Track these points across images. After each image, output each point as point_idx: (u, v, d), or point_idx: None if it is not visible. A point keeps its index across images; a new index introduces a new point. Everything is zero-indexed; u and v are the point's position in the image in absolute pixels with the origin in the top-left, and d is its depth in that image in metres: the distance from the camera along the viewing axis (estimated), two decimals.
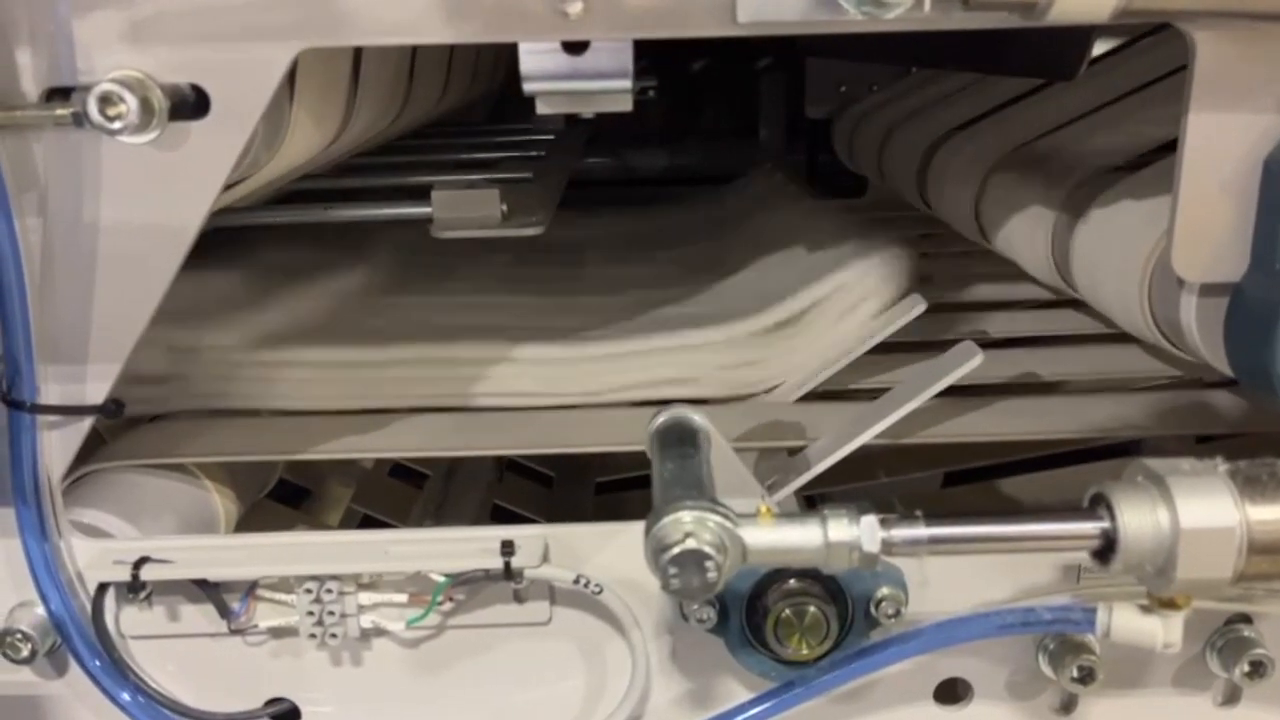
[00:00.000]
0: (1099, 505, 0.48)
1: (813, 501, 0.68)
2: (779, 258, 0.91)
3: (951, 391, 0.75)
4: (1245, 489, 0.46)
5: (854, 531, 0.47)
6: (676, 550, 0.46)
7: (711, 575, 0.46)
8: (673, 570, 0.47)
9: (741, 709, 0.57)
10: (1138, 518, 0.46)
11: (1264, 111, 0.50)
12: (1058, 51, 0.67)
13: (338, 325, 0.81)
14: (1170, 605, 0.50)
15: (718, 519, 0.47)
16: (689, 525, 0.47)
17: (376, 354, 0.73)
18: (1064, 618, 0.54)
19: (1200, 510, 0.46)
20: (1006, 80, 0.91)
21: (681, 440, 0.56)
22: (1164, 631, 0.50)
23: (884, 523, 0.47)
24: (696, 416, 0.57)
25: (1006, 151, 0.82)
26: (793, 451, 0.66)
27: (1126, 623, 0.51)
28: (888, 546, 0.47)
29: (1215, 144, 0.51)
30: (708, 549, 0.46)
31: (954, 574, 0.57)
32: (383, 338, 0.76)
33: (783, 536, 0.48)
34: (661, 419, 0.58)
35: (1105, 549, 0.47)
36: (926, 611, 0.57)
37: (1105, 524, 0.47)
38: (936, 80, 1.11)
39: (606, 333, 0.77)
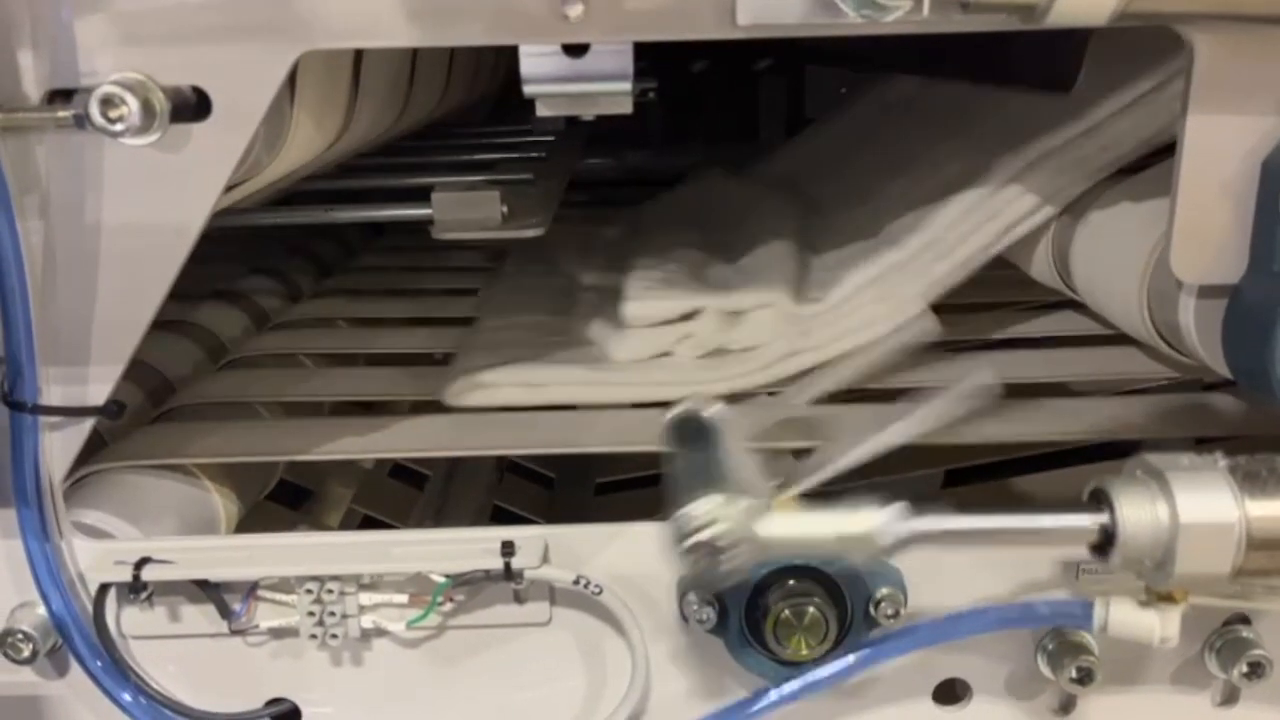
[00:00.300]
0: (1098, 499, 0.48)
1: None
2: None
3: None
4: (1245, 484, 0.46)
5: (874, 521, 0.47)
6: (698, 538, 0.46)
7: (733, 564, 0.46)
8: (694, 558, 0.47)
9: (739, 705, 0.57)
10: (1137, 512, 0.46)
11: (1262, 113, 0.51)
12: (1054, 64, 0.67)
13: None
14: (1168, 600, 0.50)
15: (739, 508, 0.47)
16: (710, 514, 0.47)
17: None
18: (1061, 612, 0.54)
19: (1200, 505, 0.46)
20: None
21: (698, 433, 0.55)
22: (1161, 626, 0.50)
23: (904, 514, 0.47)
24: (711, 410, 0.57)
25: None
26: (798, 453, 0.66)
27: (1124, 617, 0.51)
28: (907, 537, 0.47)
29: (1214, 146, 0.51)
30: (729, 538, 0.46)
31: (952, 571, 0.57)
32: None
33: (804, 526, 0.48)
34: (677, 412, 0.57)
35: (1104, 543, 0.47)
36: (925, 608, 0.57)
37: (1104, 518, 0.47)
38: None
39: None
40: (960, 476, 0.91)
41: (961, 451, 0.88)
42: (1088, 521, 0.47)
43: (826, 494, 0.50)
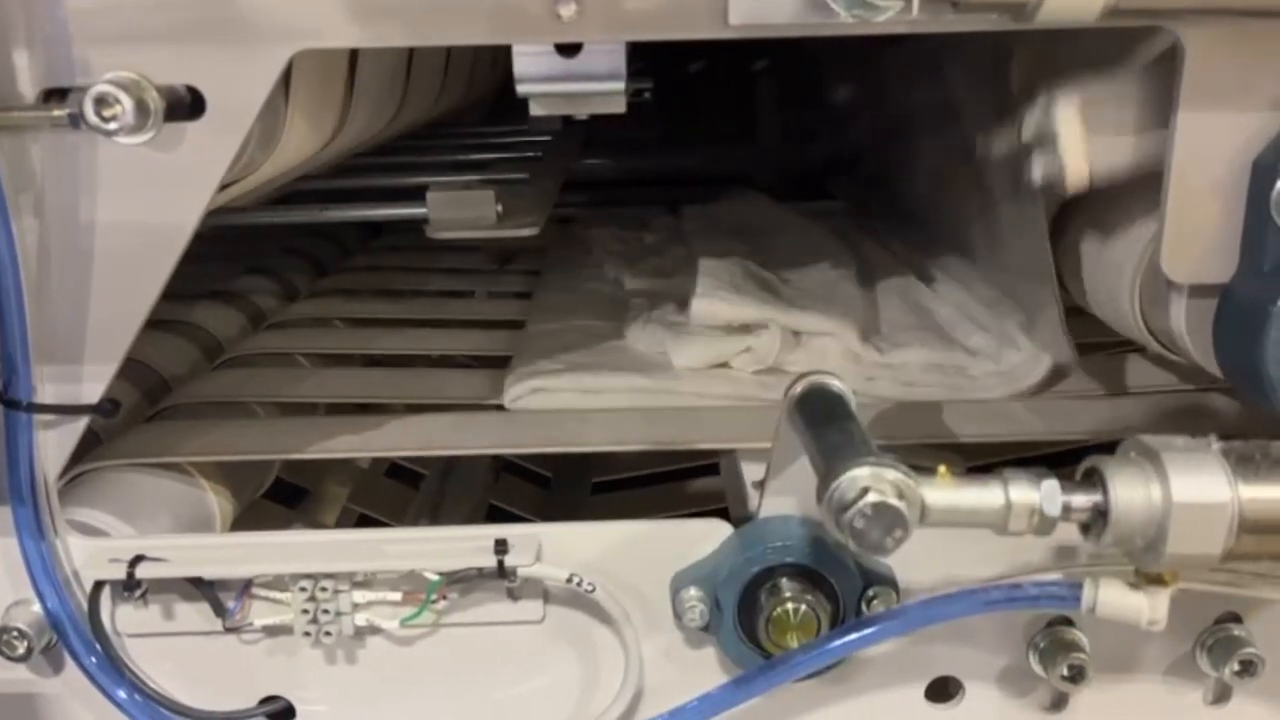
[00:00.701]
0: (1092, 478, 0.48)
1: None
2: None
3: None
4: (1238, 467, 0.46)
5: (1035, 495, 0.46)
6: (861, 504, 0.45)
7: (901, 531, 0.45)
8: (860, 527, 0.45)
9: (721, 691, 0.57)
10: (1130, 491, 0.46)
11: (1253, 111, 0.51)
12: None
13: None
14: (1157, 581, 0.50)
15: (896, 475, 0.46)
16: (867, 480, 0.45)
17: None
18: (1050, 593, 0.53)
19: (1193, 485, 0.46)
20: None
21: (828, 406, 0.54)
22: (1150, 608, 0.50)
23: (1064, 488, 0.47)
24: (836, 382, 0.55)
25: None
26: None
27: (1112, 598, 0.50)
28: (1066, 511, 0.46)
29: (1204, 144, 0.51)
30: (892, 501, 0.45)
31: (942, 558, 0.57)
32: None
33: (963, 496, 0.46)
34: (802, 385, 0.55)
35: (1096, 522, 0.47)
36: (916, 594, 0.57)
37: (1097, 497, 0.47)
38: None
39: None
40: None
41: (958, 453, 0.88)
42: (1080, 500, 0.47)
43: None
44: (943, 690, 0.62)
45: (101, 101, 0.48)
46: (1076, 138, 0.58)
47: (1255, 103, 0.51)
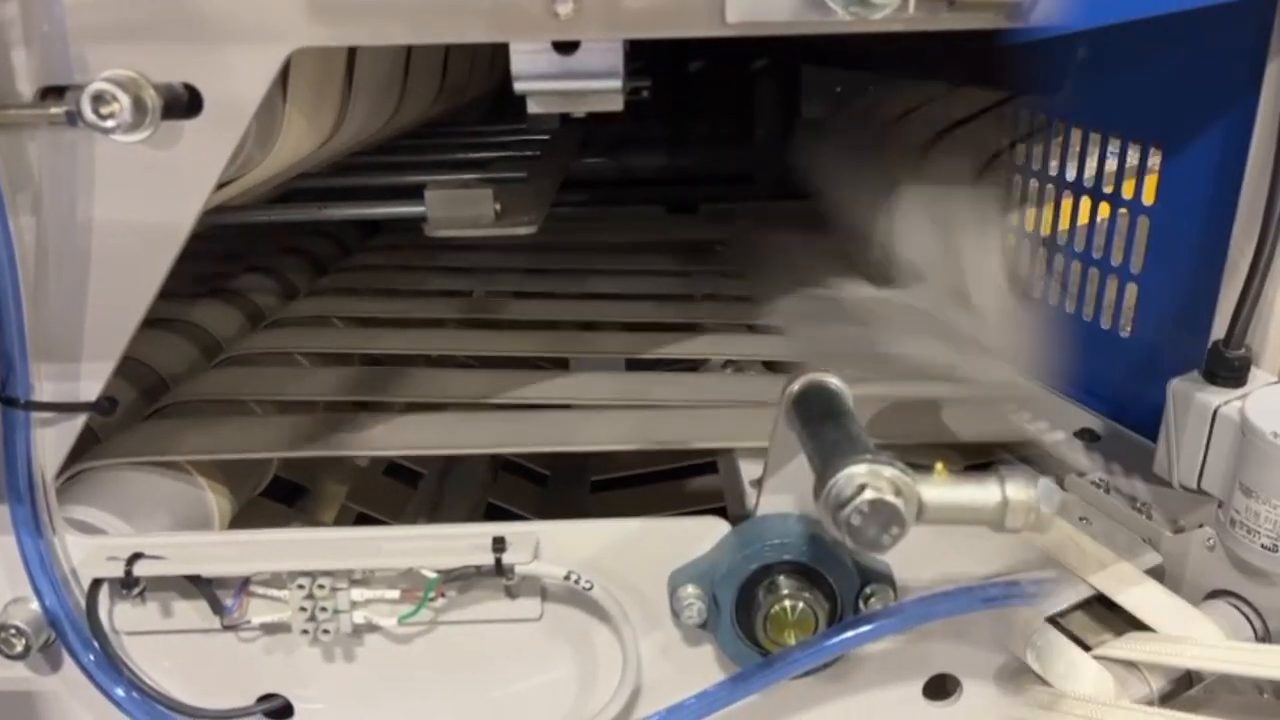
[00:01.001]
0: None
1: None
2: None
3: None
4: None
5: (1032, 492, 0.46)
6: (858, 501, 0.45)
7: (898, 528, 0.45)
8: (858, 524, 0.45)
9: (719, 688, 0.57)
10: None
11: None
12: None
13: None
14: None
15: (893, 472, 0.46)
16: (864, 478, 0.45)
17: None
18: (1048, 591, 0.53)
19: None
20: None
21: (826, 404, 0.54)
22: None
23: (1057, 485, 0.47)
24: (834, 380, 0.55)
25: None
26: None
27: None
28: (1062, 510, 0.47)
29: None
30: (889, 498, 0.45)
31: (940, 555, 0.57)
32: None
33: (960, 494, 0.47)
34: (800, 383, 0.55)
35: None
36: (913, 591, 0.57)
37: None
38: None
39: None
40: None
41: (956, 452, 0.88)
42: None
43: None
44: (940, 688, 0.62)
45: (99, 99, 0.48)
46: None
47: None
